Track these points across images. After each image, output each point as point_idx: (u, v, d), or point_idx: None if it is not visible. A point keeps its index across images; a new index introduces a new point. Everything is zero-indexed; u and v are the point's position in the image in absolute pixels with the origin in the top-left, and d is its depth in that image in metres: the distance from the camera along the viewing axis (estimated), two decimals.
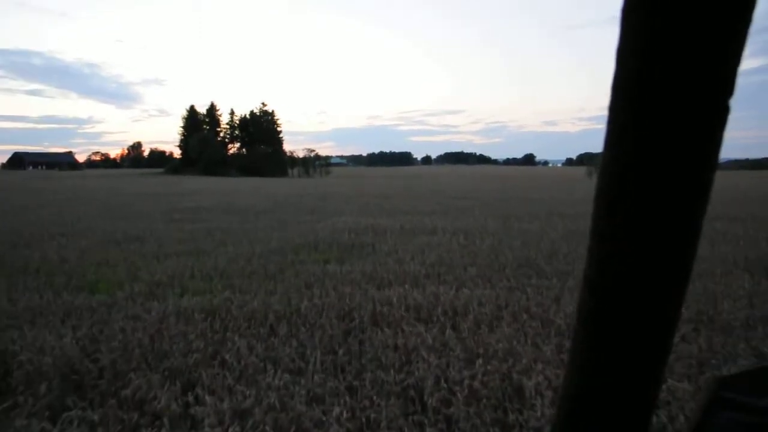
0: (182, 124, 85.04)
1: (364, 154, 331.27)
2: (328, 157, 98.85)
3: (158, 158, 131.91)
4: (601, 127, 0.45)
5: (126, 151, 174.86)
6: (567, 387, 0.52)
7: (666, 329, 0.46)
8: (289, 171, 79.49)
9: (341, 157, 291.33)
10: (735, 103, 0.41)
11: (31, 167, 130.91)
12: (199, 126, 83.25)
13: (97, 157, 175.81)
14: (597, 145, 0.47)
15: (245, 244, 10.13)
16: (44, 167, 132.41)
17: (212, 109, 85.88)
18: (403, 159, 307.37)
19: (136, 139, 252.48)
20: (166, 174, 74.59)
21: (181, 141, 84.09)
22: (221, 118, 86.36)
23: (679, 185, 0.42)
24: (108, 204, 20.27)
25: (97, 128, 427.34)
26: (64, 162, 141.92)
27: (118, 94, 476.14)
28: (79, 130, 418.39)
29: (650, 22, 0.40)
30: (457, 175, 78.30)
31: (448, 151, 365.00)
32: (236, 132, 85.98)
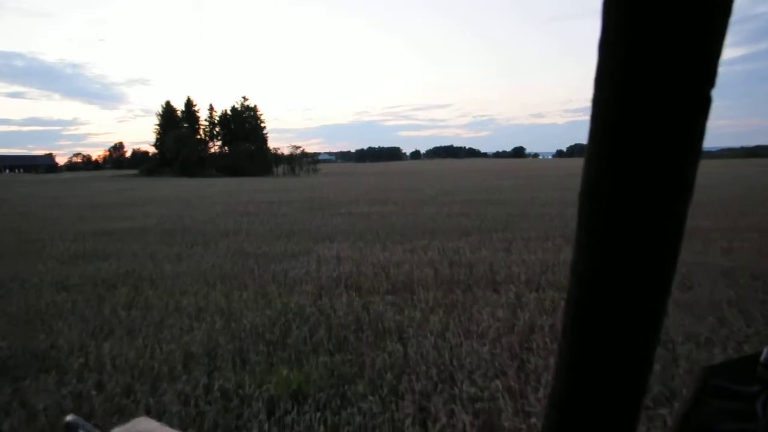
0: (158, 122, 78.97)
1: (353, 150, 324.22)
2: (315, 154, 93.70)
3: (140, 159, 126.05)
4: (588, 119, 0.45)
5: (108, 152, 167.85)
6: (557, 379, 0.50)
7: (653, 320, 0.45)
8: (274, 170, 74.33)
9: (330, 153, 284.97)
10: (726, 92, 0.25)
11: (7, 170, 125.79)
12: (176, 123, 77.27)
13: (79, 159, 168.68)
14: (584, 137, 0.46)
15: (149, 332, 5.15)
16: (22, 170, 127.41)
17: (189, 104, 79.61)
18: (392, 154, 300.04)
19: (123, 140, 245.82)
20: (140, 176, 68.84)
21: (157, 140, 78.06)
22: (200, 115, 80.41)
23: (664, 176, 0.41)
24: (16, 224, 15.03)
25: (82, 130, 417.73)
26: (43, 165, 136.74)
27: (103, 95, 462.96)
28: (63, 132, 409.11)
29: (631, 13, 0.39)
30: (454, 170, 73.08)
31: (437, 145, 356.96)
32: (216, 129, 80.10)
